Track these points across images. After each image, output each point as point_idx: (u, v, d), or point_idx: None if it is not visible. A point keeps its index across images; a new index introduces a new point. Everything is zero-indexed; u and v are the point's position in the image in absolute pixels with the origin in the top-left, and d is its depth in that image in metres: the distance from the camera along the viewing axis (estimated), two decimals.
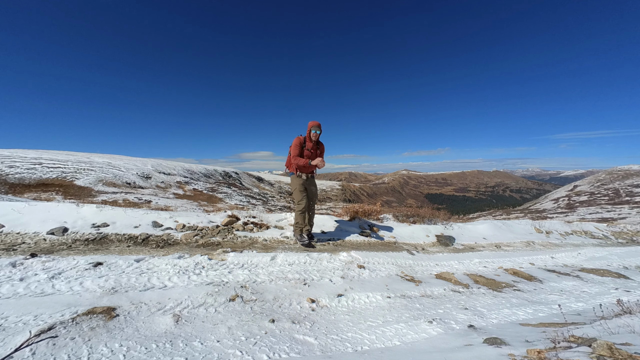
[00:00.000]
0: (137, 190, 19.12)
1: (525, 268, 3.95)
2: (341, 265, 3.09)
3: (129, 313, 1.86)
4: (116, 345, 1.53)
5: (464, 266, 3.76)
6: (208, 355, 1.51)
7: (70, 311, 1.79)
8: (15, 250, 2.99)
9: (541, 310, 2.51)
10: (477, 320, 2.18)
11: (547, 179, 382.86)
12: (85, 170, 20.16)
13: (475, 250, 4.85)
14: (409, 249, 4.30)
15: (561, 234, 6.90)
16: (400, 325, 2.01)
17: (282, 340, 1.73)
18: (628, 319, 1.75)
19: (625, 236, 7.72)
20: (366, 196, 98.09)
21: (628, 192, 49.49)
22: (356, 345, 1.74)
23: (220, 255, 3.05)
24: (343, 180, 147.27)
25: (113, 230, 3.69)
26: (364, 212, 5.66)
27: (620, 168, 68.86)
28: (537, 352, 1.31)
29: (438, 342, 1.74)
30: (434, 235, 5.29)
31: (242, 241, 3.92)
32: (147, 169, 25.11)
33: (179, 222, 4.20)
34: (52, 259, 2.58)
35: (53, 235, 3.40)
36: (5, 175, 16.53)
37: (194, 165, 34.68)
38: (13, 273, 2.27)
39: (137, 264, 2.64)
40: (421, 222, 5.94)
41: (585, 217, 31.98)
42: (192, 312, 1.95)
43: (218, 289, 2.27)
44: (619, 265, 4.55)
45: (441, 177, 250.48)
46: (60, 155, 23.99)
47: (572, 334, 1.58)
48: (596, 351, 1.22)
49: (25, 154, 21.35)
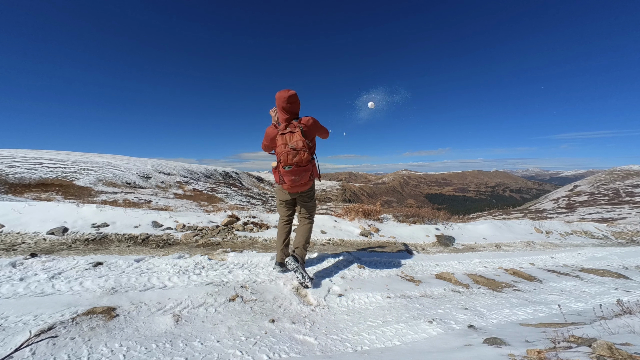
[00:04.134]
0: (137, 190, 19.13)
1: (525, 268, 3.95)
2: (341, 266, 3.09)
3: (129, 313, 1.86)
4: (116, 345, 1.53)
5: (464, 266, 3.76)
6: (208, 355, 1.51)
7: (70, 311, 1.79)
8: (15, 250, 2.99)
9: (541, 310, 2.51)
10: (477, 320, 2.18)
11: (547, 179, 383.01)
12: (85, 170, 20.17)
13: (475, 251, 4.85)
14: (409, 249, 4.30)
15: (561, 234, 6.90)
16: (400, 325, 2.01)
17: (282, 340, 1.73)
18: (628, 319, 1.75)
19: (625, 236, 7.73)
20: (366, 196, 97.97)
21: (628, 192, 49.51)
22: (356, 345, 1.74)
23: (220, 255, 3.05)
24: (343, 180, 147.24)
25: (113, 230, 3.70)
26: (363, 212, 5.66)
27: (620, 168, 68.88)
28: (537, 352, 1.31)
29: (438, 342, 1.74)
30: (434, 235, 5.29)
31: (242, 241, 3.92)
32: (147, 169, 25.12)
33: (179, 222, 4.20)
34: (52, 259, 2.58)
35: (53, 235, 3.40)
36: (5, 175, 16.54)
37: (194, 165, 34.69)
38: (13, 273, 2.27)
39: (137, 264, 2.64)
40: (421, 222, 5.94)
41: (585, 217, 31.99)
42: (192, 312, 1.95)
43: (218, 289, 2.27)
44: (619, 265, 4.55)
45: (441, 177, 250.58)
46: (60, 155, 24.01)
47: (572, 334, 1.58)
48: (596, 351, 1.22)
49: (25, 154, 21.37)
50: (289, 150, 2.29)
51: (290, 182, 2.38)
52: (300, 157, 2.31)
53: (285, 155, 2.29)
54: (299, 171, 2.35)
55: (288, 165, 2.31)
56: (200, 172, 32.40)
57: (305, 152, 2.32)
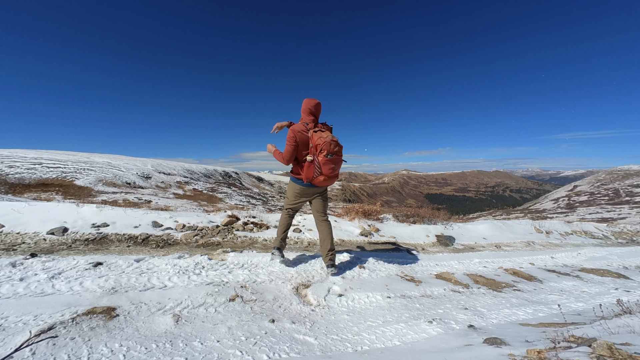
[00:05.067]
0: (137, 190, 19.13)
1: (525, 268, 3.95)
2: (341, 265, 3.09)
3: (129, 313, 1.86)
4: (116, 345, 1.53)
5: (464, 266, 3.76)
6: (208, 355, 1.51)
7: (70, 311, 1.79)
8: (15, 250, 2.99)
9: (541, 310, 2.51)
10: (477, 320, 2.18)
11: (547, 179, 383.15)
12: (85, 170, 20.17)
13: (475, 250, 4.85)
14: (409, 249, 4.30)
15: (561, 234, 6.90)
16: (400, 325, 2.01)
17: (282, 340, 1.73)
18: (628, 319, 1.75)
19: (625, 236, 7.72)
20: (366, 196, 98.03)
21: (628, 192, 49.51)
22: (356, 345, 1.74)
23: (220, 255, 3.05)
24: (343, 180, 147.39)
25: (113, 230, 3.69)
26: (363, 212, 5.66)
27: (620, 168, 68.88)
28: (537, 352, 1.31)
29: (438, 342, 1.74)
30: (434, 235, 5.29)
31: (242, 241, 3.92)
32: (147, 169, 25.12)
33: (179, 222, 4.20)
34: (52, 259, 2.58)
35: (53, 235, 3.40)
36: (5, 175, 16.54)
37: (194, 165, 34.70)
38: (13, 273, 2.27)
39: (137, 264, 2.64)
40: (421, 222, 5.94)
41: (585, 217, 32.00)
42: (192, 312, 1.95)
43: (218, 289, 2.27)
44: (619, 265, 4.55)
45: (441, 177, 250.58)
46: (60, 155, 24.01)
47: (572, 334, 1.58)
48: (596, 351, 1.22)
49: (25, 154, 21.36)
50: (330, 140, 2.47)
51: (330, 171, 2.54)
52: (340, 148, 2.57)
53: (328, 144, 2.47)
54: (338, 160, 2.58)
55: (330, 153, 2.49)
56: (200, 172, 32.41)
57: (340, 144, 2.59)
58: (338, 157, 2.57)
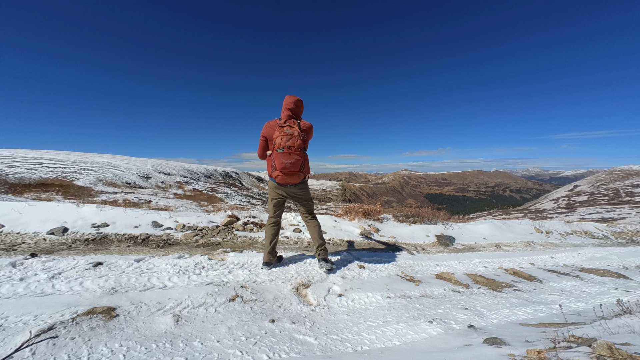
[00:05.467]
0: (137, 190, 19.13)
1: (525, 268, 3.94)
2: (341, 265, 3.09)
3: (129, 313, 1.86)
4: (116, 345, 1.53)
5: (464, 266, 3.76)
6: (208, 355, 1.51)
7: (70, 311, 1.79)
8: (15, 250, 2.99)
9: (541, 310, 2.51)
10: (477, 320, 2.18)
11: (547, 179, 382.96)
12: (85, 170, 20.18)
13: (475, 250, 4.85)
14: (409, 249, 4.30)
15: (561, 234, 6.90)
16: (400, 325, 2.01)
17: (282, 340, 1.73)
18: (628, 319, 1.75)
19: (625, 236, 7.72)
20: (366, 196, 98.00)
21: (628, 192, 49.51)
22: (356, 345, 1.74)
23: (220, 255, 3.05)
24: (343, 180, 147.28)
25: (113, 230, 3.69)
26: (363, 212, 5.66)
27: (620, 168, 68.87)
28: (537, 352, 1.31)
29: (438, 342, 1.74)
30: (434, 235, 5.29)
31: (242, 241, 3.92)
32: (147, 169, 25.12)
33: (179, 222, 4.20)
34: (52, 259, 2.58)
35: (53, 235, 3.40)
36: (5, 175, 16.54)
37: (194, 165, 34.70)
38: (13, 273, 2.27)
39: (137, 264, 2.64)
40: (421, 222, 5.94)
41: (585, 217, 31.99)
42: (192, 312, 1.95)
43: (218, 289, 2.27)
44: (619, 265, 4.55)
45: (441, 177, 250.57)
46: (60, 155, 24.01)
47: (572, 334, 1.58)
48: (596, 351, 1.22)
49: (25, 154, 21.37)
50: (284, 134, 2.49)
51: (282, 166, 2.51)
52: (293, 142, 2.50)
53: (280, 138, 2.49)
54: (290, 155, 2.52)
55: (281, 147, 2.49)
56: (200, 172, 32.41)
57: (299, 140, 2.51)
58: (289, 152, 2.50)
